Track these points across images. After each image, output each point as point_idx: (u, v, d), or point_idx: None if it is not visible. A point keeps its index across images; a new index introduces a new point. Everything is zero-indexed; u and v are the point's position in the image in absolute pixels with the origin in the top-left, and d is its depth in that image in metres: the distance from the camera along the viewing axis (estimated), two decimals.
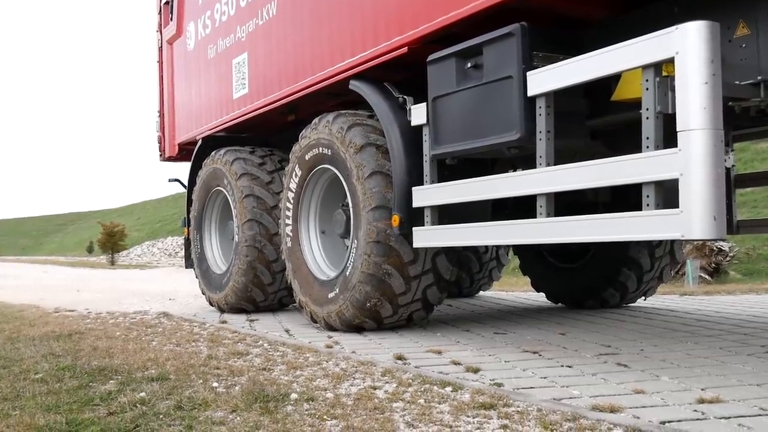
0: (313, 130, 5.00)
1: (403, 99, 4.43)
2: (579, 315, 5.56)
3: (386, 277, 4.44)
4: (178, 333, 4.97)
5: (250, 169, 6.23)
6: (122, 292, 10.30)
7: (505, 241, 3.71)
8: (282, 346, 4.24)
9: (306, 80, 5.28)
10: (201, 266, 6.95)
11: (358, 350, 4.02)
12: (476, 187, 3.79)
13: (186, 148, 7.74)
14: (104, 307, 7.31)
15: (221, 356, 3.87)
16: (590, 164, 3.13)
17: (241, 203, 6.12)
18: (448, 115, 3.97)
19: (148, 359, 3.75)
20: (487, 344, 4.18)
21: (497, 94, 3.60)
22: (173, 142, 7.90)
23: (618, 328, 4.79)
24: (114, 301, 8.32)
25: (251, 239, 6.04)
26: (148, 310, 6.96)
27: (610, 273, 5.75)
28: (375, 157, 4.48)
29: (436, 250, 4.48)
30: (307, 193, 5.27)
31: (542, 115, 3.38)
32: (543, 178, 3.36)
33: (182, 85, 7.67)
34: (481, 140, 3.72)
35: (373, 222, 4.42)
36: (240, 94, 6.32)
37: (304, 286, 5.18)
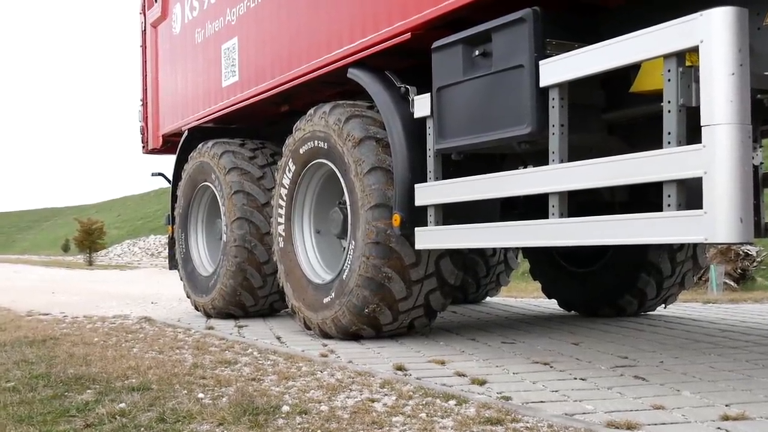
0: (308, 121, 5.00)
1: (405, 89, 4.43)
2: (593, 324, 5.57)
3: (386, 281, 4.45)
4: (161, 339, 4.98)
5: (240, 164, 6.24)
6: (101, 294, 10.30)
7: (514, 243, 3.72)
8: (273, 354, 4.24)
9: (301, 68, 5.28)
10: (186, 267, 6.96)
11: (355, 359, 4.02)
12: (484, 184, 3.80)
13: (171, 139, 7.74)
14: (81, 311, 7.31)
15: (207, 365, 3.87)
16: (607, 161, 3.13)
17: (230, 200, 6.12)
18: (454, 106, 3.97)
19: (128, 367, 3.75)
20: (495, 354, 4.18)
21: (507, 84, 3.60)
22: (157, 134, 7.90)
23: (636, 338, 4.79)
24: (92, 305, 8.31)
25: (241, 239, 6.05)
26: (129, 314, 6.98)
27: (627, 278, 5.76)
28: (375, 151, 4.49)
29: (439, 253, 4.49)
30: (302, 189, 5.27)
31: (555, 108, 3.38)
32: (556, 176, 3.36)
33: (167, 71, 7.67)
34: (490, 134, 3.72)
35: (372, 221, 4.43)
36: (229, 82, 6.33)
37: (297, 290, 5.18)
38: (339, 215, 4.99)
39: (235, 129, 6.91)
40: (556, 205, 3.40)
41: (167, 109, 7.68)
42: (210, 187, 6.55)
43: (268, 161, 6.35)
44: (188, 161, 6.83)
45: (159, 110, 7.85)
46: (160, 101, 7.84)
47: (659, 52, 2.93)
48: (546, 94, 3.42)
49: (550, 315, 6.36)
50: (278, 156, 6.10)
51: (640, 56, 3.04)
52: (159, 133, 7.86)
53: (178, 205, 7.03)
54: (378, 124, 4.58)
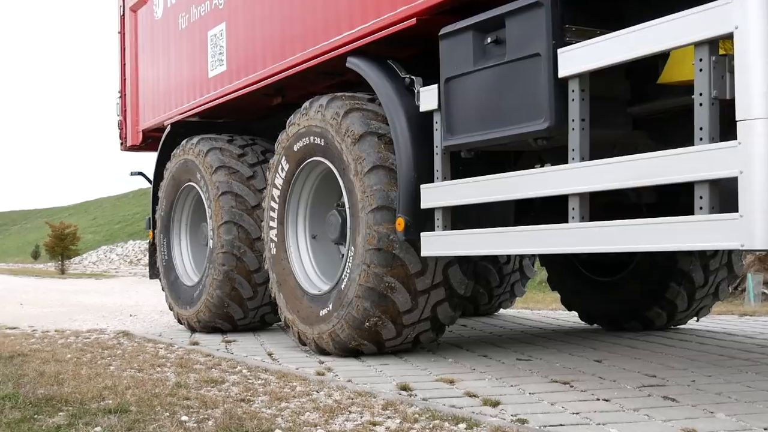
0: (303, 115, 5.01)
1: (410, 80, 4.44)
2: (618, 339, 5.58)
3: (389, 291, 4.45)
4: (141, 356, 4.99)
5: (228, 162, 6.25)
6: (74, 306, 10.29)
7: (530, 250, 3.72)
8: (264, 372, 4.24)
9: (295, 56, 5.29)
10: (168, 276, 6.97)
11: (354, 378, 4.02)
12: (497, 185, 3.80)
13: (152, 135, 7.74)
14: (52, 324, 7.31)
15: (192, 384, 3.87)
16: (632, 159, 3.13)
17: (217, 202, 6.13)
18: (463, 99, 3.98)
19: (104, 387, 3.74)
20: (509, 372, 4.18)
21: (522, 74, 3.60)
22: (137, 129, 7.92)
23: (665, 354, 4.80)
24: (64, 317, 8.30)
25: (229, 245, 6.06)
26: (105, 328, 6.98)
27: (655, 289, 5.76)
28: (376, 148, 4.50)
29: (448, 260, 4.49)
30: (296, 190, 5.28)
31: (576, 101, 3.39)
32: (576, 176, 3.36)
33: (148, 60, 7.67)
34: (503, 129, 3.73)
35: (373, 226, 4.43)
36: (217, 72, 6.34)
37: (290, 301, 5.19)
38: (337, 219, 5.00)
39: (222, 124, 6.91)
40: (576, 207, 3.40)
41: (148, 102, 7.69)
42: (195, 187, 6.56)
43: (259, 159, 6.36)
44: (171, 159, 6.84)
45: (139, 103, 7.86)
46: (140, 93, 7.85)
47: (690, 39, 2.93)
48: (565, 85, 3.42)
49: (570, 329, 6.38)
50: (270, 153, 6.11)
51: (669, 44, 3.04)
52: (139, 128, 7.87)
53: (160, 208, 7.04)
54: (380, 118, 4.58)
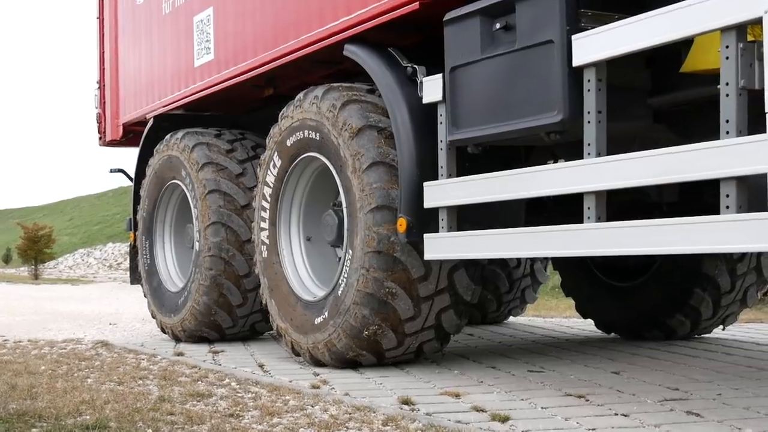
0: (296, 108, 5.01)
1: (412, 69, 4.44)
2: (638, 349, 5.58)
3: (389, 297, 4.45)
4: (121, 368, 4.99)
5: (216, 158, 6.25)
6: (48, 314, 10.28)
7: (542, 252, 3.73)
8: (254, 385, 4.25)
9: (288, 44, 5.29)
10: (151, 282, 6.97)
11: (352, 392, 4.02)
12: (506, 182, 3.80)
13: (133, 129, 7.74)
14: (25, 334, 7.31)
15: (176, 398, 3.87)
16: (653, 155, 3.13)
17: (204, 201, 6.14)
18: (470, 90, 3.98)
19: (81, 402, 3.74)
20: (519, 385, 4.18)
21: (534, 63, 3.60)
22: (117, 122, 7.91)
23: (688, 365, 4.80)
24: (38, 326, 8.29)
25: (216, 248, 6.06)
26: (83, 337, 6.98)
27: (678, 295, 5.76)
28: (376, 143, 4.49)
29: (453, 264, 4.49)
30: (289, 188, 5.28)
31: (591, 91, 3.38)
32: (592, 172, 3.36)
33: (129, 48, 7.67)
34: (513, 123, 3.73)
35: (372, 227, 4.43)
36: (203, 60, 6.34)
37: (283, 308, 5.18)
38: (333, 219, 4.99)
39: (209, 117, 6.91)
40: (592, 206, 3.40)
41: (129, 94, 7.68)
42: (180, 185, 6.56)
43: (249, 155, 6.36)
44: (154, 155, 6.83)
45: (119, 95, 7.85)
46: (120, 84, 7.83)
47: (716, 24, 2.93)
48: (580, 75, 3.42)
49: (586, 338, 6.38)
50: (261, 149, 6.10)
51: (693, 29, 3.03)
52: (119, 121, 7.86)
53: (142, 208, 7.04)
54: (380, 110, 4.58)
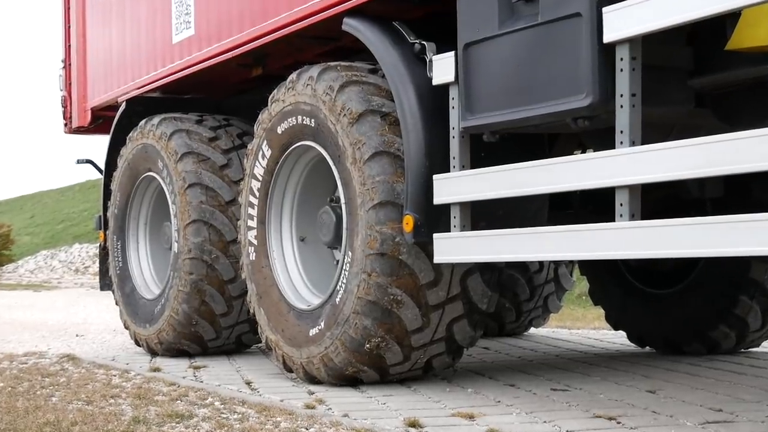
0: (289, 90, 5.01)
1: (420, 46, 4.43)
2: (676, 364, 5.58)
3: (394, 306, 4.44)
4: (90, 385, 4.99)
5: (197, 147, 6.25)
6: (7, 324, 10.33)
7: (568, 255, 3.71)
8: (241, 405, 4.25)
9: (280, 17, 5.27)
10: (123, 288, 6.97)
11: (352, 412, 4.01)
12: (528, 175, 3.78)
13: (103, 114, 7.74)
14: None
15: (152, 419, 3.86)
16: (696, 144, 3.11)
17: (183, 196, 6.13)
18: (486, 69, 3.96)
19: (45, 423, 3.74)
20: (542, 405, 4.18)
21: (559, 39, 3.59)
22: (84, 107, 7.90)
23: (733, 383, 4.79)
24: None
25: (197, 249, 6.06)
26: (46, 350, 6.98)
27: (722, 303, 5.74)
28: (379, 130, 4.49)
29: (467, 268, 4.48)
30: (280, 182, 5.27)
31: (625, 71, 3.36)
32: (625, 164, 3.34)
33: (98, 23, 7.64)
34: (536, 107, 3.72)
35: (375, 225, 4.42)
36: (183, 36, 6.33)
37: (273, 318, 5.18)
38: (330, 217, 4.99)
39: (189, 101, 6.91)
40: (625, 203, 3.38)
41: (98, 74, 7.66)
42: (156, 178, 6.56)
43: (235, 144, 6.36)
44: (127, 144, 6.82)
45: (87, 75, 7.83)
46: (88, 63, 7.81)
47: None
48: (612, 52, 3.40)
49: (617, 352, 6.36)
50: (248, 137, 6.10)
51: (740, 1, 3.01)
52: (87, 105, 7.85)
53: (113, 204, 7.04)
54: (383, 93, 4.57)
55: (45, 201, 46.48)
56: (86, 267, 31.34)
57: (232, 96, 6.91)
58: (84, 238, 34.90)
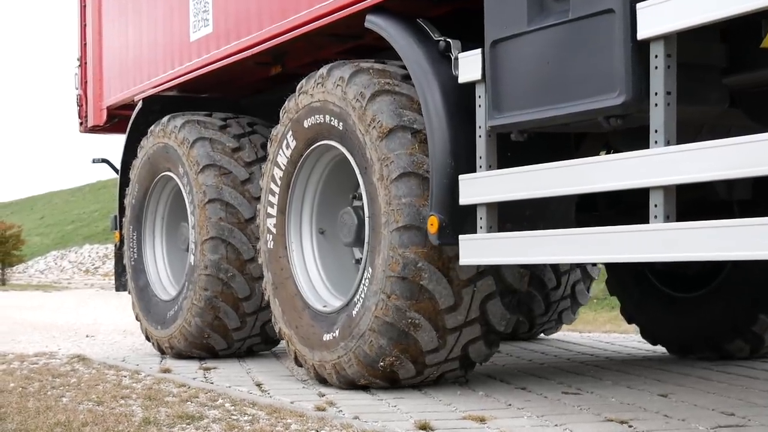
0: (318, 85, 4.89)
1: (445, 43, 4.38)
2: (688, 368, 5.60)
3: (411, 329, 4.43)
4: (100, 386, 5.00)
5: (220, 159, 6.15)
6: (17, 324, 10.41)
7: (601, 257, 3.65)
8: (251, 406, 4.26)
9: (300, 14, 5.23)
10: (137, 281, 6.92)
11: (363, 415, 4.02)
12: (558, 175, 3.73)
13: (119, 113, 7.74)
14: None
15: (163, 421, 3.88)
16: (733, 143, 3.05)
17: (203, 210, 6.07)
18: (515, 67, 3.92)
19: (56, 423, 3.76)
20: (553, 409, 4.19)
21: (591, 36, 3.55)
22: (100, 105, 7.90)
23: (746, 388, 4.79)
24: (6, 338, 8.37)
25: (214, 266, 6.01)
26: (56, 351, 7.01)
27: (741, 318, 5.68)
28: (409, 148, 4.41)
29: (487, 293, 4.47)
30: (303, 174, 5.20)
31: (660, 69, 3.32)
32: (661, 164, 3.29)
33: (115, 20, 7.63)
34: (566, 105, 3.67)
35: (398, 248, 4.38)
36: (200, 34, 6.31)
37: (288, 312, 5.15)
38: (352, 219, 4.94)
39: (206, 100, 6.88)
40: (660, 204, 3.33)
41: (114, 73, 7.66)
42: (174, 179, 6.51)
43: (258, 156, 6.25)
44: (145, 141, 6.76)
45: (103, 74, 7.83)
46: (104, 62, 7.82)
47: None
48: (646, 49, 3.36)
49: (629, 355, 6.37)
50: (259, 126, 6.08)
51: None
52: (103, 104, 7.85)
53: (131, 193, 6.94)
54: (416, 106, 4.48)
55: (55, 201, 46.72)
56: (96, 268, 31.60)
57: (249, 95, 6.88)
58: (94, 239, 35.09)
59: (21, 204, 50.52)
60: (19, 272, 31.69)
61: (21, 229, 29.92)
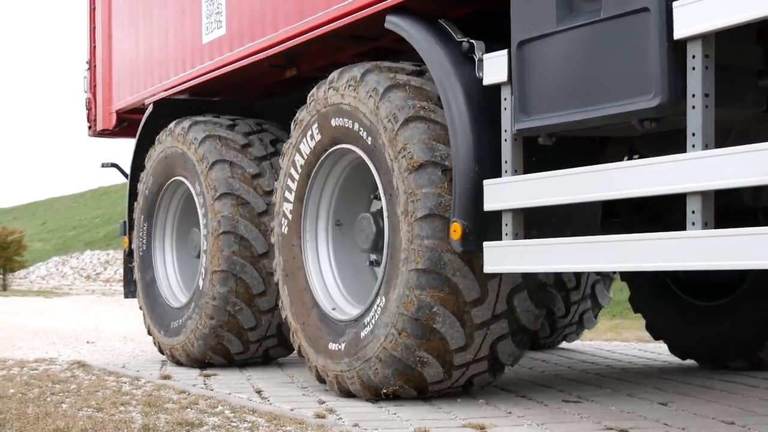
0: (349, 87, 4.71)
1: (468, 44, 4.30)
2: (688, 377, 5.64)
3: (419, 365, 4.41)
4: (100, 392, 5.03)
5: (229, 155, 6.08)
6: (18, 330, 10.45)
7: (633, 265, 3.59)
8: (251, 413, 4.28)
9: (317, 15, 5.15)
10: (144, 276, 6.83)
11: (362, 422, 4.05)
12: (590, 180, 3.64)
13: (128, 117, 7.70)
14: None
15: (162, 427, 3.91)
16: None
17: (214, 207, 6.01)
18: (543, 68, 3.85)
19: (55, 429, 3.79)
20: (553, 417, 4.21)
21: (625, 36, 3.48)
22: (109, 109, 7.86)
23: (746, 396, 4.83)
24: (6, 344, 8.40)
25: (227, 263, 5.94)
26: (56, 357, 7.04)
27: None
28: (438, 186, 4.27)
29: (514, 285, 4.38)
30: (325, 168, 5.09)
31: (697, 69, 3.24)
32: (699, 168, 3.20)
33: (125, 22, 7.60)
34: (598, 108, 3.59)
35: (415, 289, 4.30)
36: (213, 36, 6.26)
37: (296, 305, 5.11)
38: (371, 227, 4.86)
39: (218, 103, 6.82)
40: (697, 210, 3.24)
41: (124, 76, 7.62)
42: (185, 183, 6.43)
43: (268, 151, 6.20)
44: (155, 145, 6.67)
45: (112, 77, 7.81)
46: (114, 65, 7.79)
47: None
48: (683, 50, 3.27)
49: (629, 364, 6.37)
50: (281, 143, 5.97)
51: None
52: (112, 108, 7.81)
53: (145, 183, 6.82)
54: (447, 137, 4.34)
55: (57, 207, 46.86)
56: (97, 274, 31.80)
57: (262, 98, 6.83)
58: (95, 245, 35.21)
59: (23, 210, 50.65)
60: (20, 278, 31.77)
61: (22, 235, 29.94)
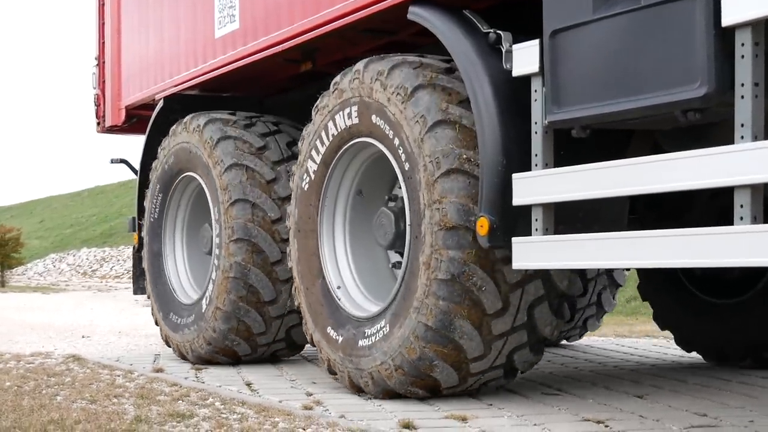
0: (376, 81, 4.50)
1: (495, 35, 4.15)
2: (664, 371, 5.73)
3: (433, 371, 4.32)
4: (94, 385, 5.10)
5: (245, 160, 5.89)
6: (15, 325, 10.52)
7: (672, 261, 3.41)
8: (241, 405, 4.35)
9: (334, 8, 5.01)
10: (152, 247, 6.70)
11: (348, 414, 4.12)
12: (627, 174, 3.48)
13: (138, 113, 7.60)
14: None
15: (154, 419, 3.97)
16: None
17: (227, 212, 5.85)
18: (578, 59, 3.69)
19: (49, 421, 3.85)
20: (533, 409, 4.29)
21: (668, 23, 3.33)
22: (118, 105, 7.79)
23: (719, 389, 4.92)
24: (4, 338, 8.47)
25: (239, 270, 5.78)
26: (52, 351, 7.08)
27: None
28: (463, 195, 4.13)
29: (536, 297, 4.25)
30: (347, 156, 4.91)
31: (747, 58, 3.09)
32: (748, 160, 3.04)
33: (134, 18, 7.51)
34: (638, 98, 3.45)
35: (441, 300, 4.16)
36: (226, 30, 6.14)
37: (303, 265, 5.01)
38: (390, 222, 4.70)
39: (230, 99, 6.72)
40: (746, 204, 3.08)
41: (134, 71, 7.51)
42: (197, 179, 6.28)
43: (284, 155, 6.01)
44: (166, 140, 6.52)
45: (122, 73, 7.73)
46: (123, 60, 7.71)
47: None
48: (731, 37, 3.14)
49: (607, 357, 6.46)
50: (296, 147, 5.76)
51: None
52: (121, 104, 7.74)
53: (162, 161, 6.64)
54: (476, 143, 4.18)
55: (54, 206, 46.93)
56: (93, 270, 32.07)
57: (274, 94, 6.73)
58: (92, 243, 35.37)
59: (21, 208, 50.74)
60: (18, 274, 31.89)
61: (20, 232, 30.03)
